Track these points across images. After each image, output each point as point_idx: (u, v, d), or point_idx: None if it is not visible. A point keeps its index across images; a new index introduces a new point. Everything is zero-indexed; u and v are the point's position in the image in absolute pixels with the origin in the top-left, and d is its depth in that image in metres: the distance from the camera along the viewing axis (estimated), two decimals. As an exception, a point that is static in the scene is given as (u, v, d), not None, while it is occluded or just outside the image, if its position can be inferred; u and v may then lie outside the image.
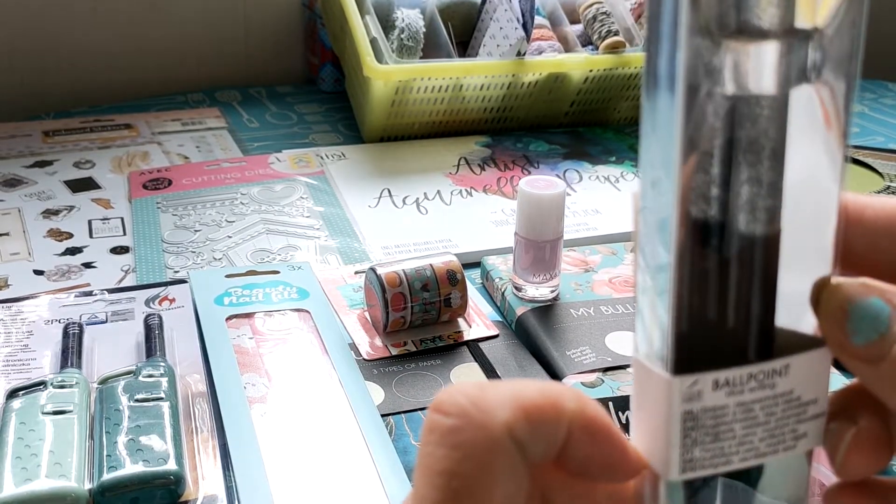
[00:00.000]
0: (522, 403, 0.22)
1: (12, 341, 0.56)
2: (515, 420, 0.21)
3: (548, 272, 0.62)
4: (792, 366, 0.23)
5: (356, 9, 0.87)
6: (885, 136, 1.04)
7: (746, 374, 0.23)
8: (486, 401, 0.22)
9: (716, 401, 0.23)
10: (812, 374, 0.23)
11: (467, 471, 0.21)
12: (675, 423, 0.23)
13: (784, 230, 0.23)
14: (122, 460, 0.44)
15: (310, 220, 0.76)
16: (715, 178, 0.22)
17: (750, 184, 0.22)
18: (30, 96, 1.02)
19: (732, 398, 0.23)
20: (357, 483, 0.46)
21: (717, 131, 0.22)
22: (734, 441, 0.23)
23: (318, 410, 0.51)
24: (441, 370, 0.56)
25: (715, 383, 0.23)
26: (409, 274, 0.58)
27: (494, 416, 0.21)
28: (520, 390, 0.22)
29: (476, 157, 0.89)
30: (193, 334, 0.58)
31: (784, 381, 0.23)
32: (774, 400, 0.23)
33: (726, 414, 0.23)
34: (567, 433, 0.22)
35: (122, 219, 0.75)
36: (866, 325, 0.22)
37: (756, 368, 0.23)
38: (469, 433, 0.21)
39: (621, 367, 0.56)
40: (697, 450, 0.23)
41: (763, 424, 0.23)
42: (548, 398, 0.22)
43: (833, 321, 0.22)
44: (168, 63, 1.09)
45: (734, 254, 0.22)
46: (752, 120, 0.22)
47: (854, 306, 0.22)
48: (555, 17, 0.99)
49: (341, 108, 1.04)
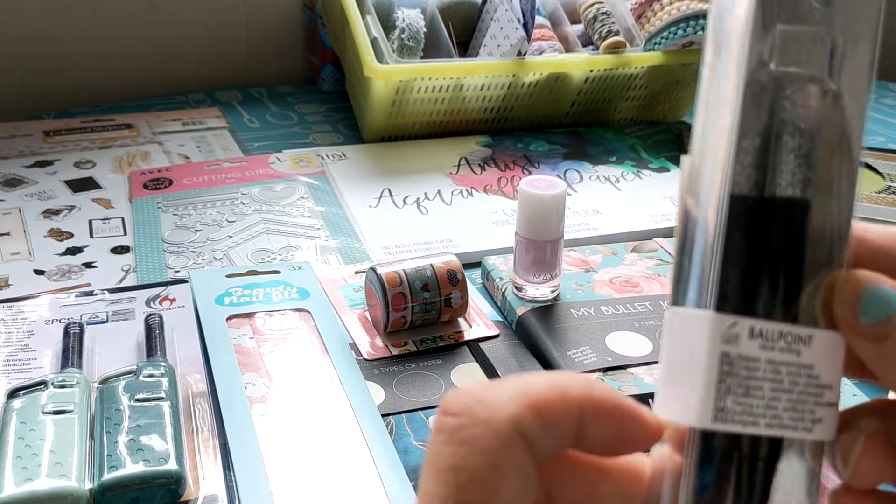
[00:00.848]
0: (529, 398, 0.22)
1: (13, 341, 0.56)
2: (522, 415, 0.22)
3: (548, 272, 0.62)
4: (815, 339, 0.24)
5: (357, 9, 0.87)
6: (885, 137, 1.04)
7: (778, 331, 0.24)
8: (491, 398, 0.22)
9: (750, 350, 0.24)
10: (829, 355, 0.24)
11: (474, 465, 0.21)
12: (714, 364, 0.23)
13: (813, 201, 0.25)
14: (123, 460, 0.44)
15: (310, 219, 0.76)
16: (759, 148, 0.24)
17: (792, 153, 0.24)
18: (30, 96, 1.02)
19: (764, 353, 0.24)
20: (357, 483, 0.46)
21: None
22: (762, 402, 0.24)
23: (318, 410, 0.51)
24: (441, 370, 0.56)
25: (751, 331, 0.24)
26: (410, 274, 0.58)
27: (500, 411, 0.22)
28: (526, 385, 0.23)
29: (477, 157, 0.89)
30: (194, 334, 0.58)
31: (807, 353, 0.24)
32: (798, 370, 0.24)
33: (758, 368, 0.24)
34: (578, 420, 0.23)
35: (123, 219, 0.75)
36: (875, 307, 0.24)
37: (787, 328, 0.24)
38: (475, 429, 0.22)
39: (622, 367, 0.56)
40: (730, 399, 0.24)
41: (787, 392, 0.24)
42: (555, 389, 0.23)
43: (846, 303, 0.24)
44: (169, 63, 1.09)
45: (774, 214, 0.24)
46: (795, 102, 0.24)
47: (865, 289, 0.24)
48: (555, 17, 0.99)
49: (342, 108, 1.04)
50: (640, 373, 0.55)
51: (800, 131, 0.25)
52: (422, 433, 0.50)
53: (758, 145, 0.24)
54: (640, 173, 0.87)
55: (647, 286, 0.65)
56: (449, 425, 0.22)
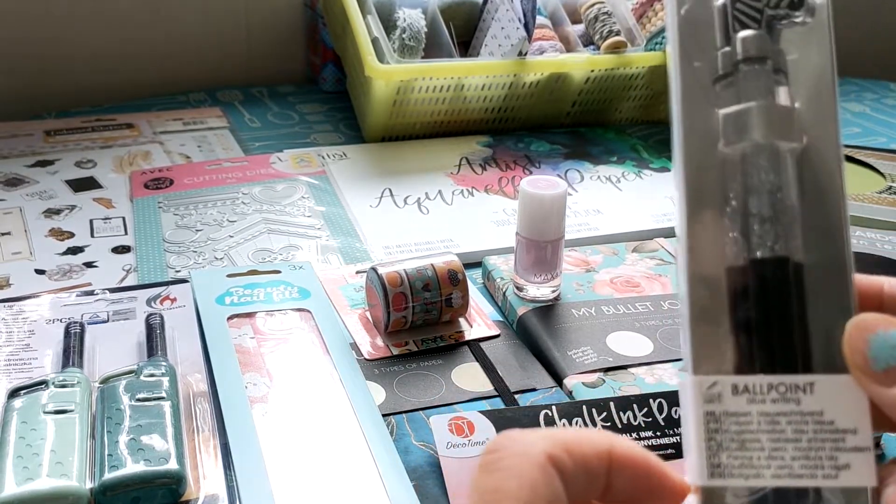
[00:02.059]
0: (561, 438, 0.24)
1: (14, 341, 0.56)
2: (555, 450, 0.24)
3: (549, 272, 0.62)
4: (818, 385, 0.24)
5: (358, 8, 0.87)
6: (886, 137, 1.03)
7: (766, 384, 0.24)
8: (525, 436, 0.25)
9: (737, 406, 0.24)
10: (843, 400, 0.24)
11: (512, 486, 0.23)
12: (700, 424, 0.24)
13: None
14: (124, 460, 0.44)
15: (311, 219, 0.76)
16: (731, 211, 0.26)
17: (758, 218, 0.25)
18: (31, 96, 1.02)
19: (754, 406, 0.24)
20: (358, 483, 0.46)
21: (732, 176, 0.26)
22: (763, 453, 0.24)
23: (319, 410, 0.51)
24: (442, 370, 0.56)
25: (734, 387, 0.24)
26: (411, 274, 0.58)
27: (535, 445, 0.24)
28: (557, 431, 0.25)
29: (477, 157, 0.89)
30: (195, 334, 0.58)
31: (810, 400, 0.24)
32: (802, 417, 0.24)
33: (750, 422, 0.24)
34: (607, 467, 0.24)
35: (124, 218, 0.75)
36: (886, 352, 0.24)
37: (776, 379, 0.24)
38: (512, 459, 0.24)
39: (622, 367, 0.56)
40: (724, 455, 0.24)
41: (793, 442, 0.24)
42: (584, 435, 0.25)
43: (856, 350, 0.24)
44: (169, 63, 1.09)
45: (751, 275, 0.25)
46: (756, 166, 0.26)
47: (875, 335, 0.24)
48: (556, 16, 0.99)
49: (343, 108, 1.04)
50: (641, 373, 0.55)
51: (759, 194, 0.25)
52: (422, 433, 0.50)
53: (720, 218, 0.26)
54: (641, 173, 0.87)
55: (647, 286, 0.65)
56: (489, 459, 0.24)
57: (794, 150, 0.26)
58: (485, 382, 0.55)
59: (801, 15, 0.26)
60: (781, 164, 0.25)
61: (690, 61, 0.27)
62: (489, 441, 0.26)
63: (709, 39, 0.27)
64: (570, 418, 0.49)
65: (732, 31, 0.26)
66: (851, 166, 0.92)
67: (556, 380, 0.56)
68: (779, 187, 0.25)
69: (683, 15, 0.27)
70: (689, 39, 0.27)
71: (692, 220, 0.26)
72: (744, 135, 0.26)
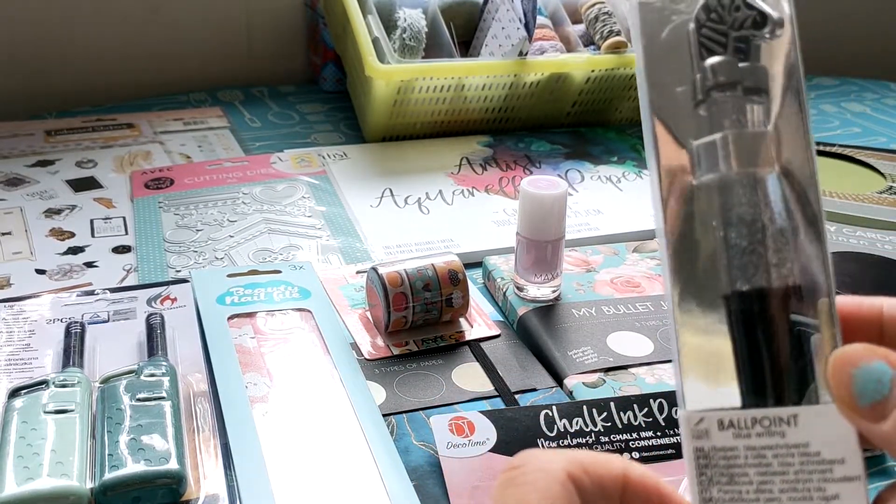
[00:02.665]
0: (578, 458, 0.25)
1: (14, 340, 0.56)
2: (574, 469, 0.25)
3: (549, 272, 0.62)
4: (801, 417, 0.24)
5: (358, 8, 0.87)
6: (887, 137, 1.03)
7: (751, 418, 0.24)
8: (546, 454, 0.25)
9: (724, 441, 0.25)
10: (829, 430, 0.24)
11: (532, 501, 0.24)
12: (691, 459, 0.25)
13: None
14: (124, 459, 0.44)
15: (311, 219, 0.76)
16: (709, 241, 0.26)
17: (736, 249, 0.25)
18: (32, 95, 1.03)
19: (740, 441, 0.24)
20: (358, 482, 0.46)
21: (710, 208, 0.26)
22: (751, 487, 0.24)
23: (319, 410, 0.51)
24: (442, 370, 0.56)
25: (720, 423, 0.25)
26: (411, 274, 0.58)
27: (555, 462, 0.25)
28: (574, 451, 0.26)
29: (478, 157, 0.89)
30: (195, 334, 0.58)
31: (795, 433, 0.24)
32: (788, 450, 0.24)
33: (737, 456, 0.24)
34: (622, 489, 0.25)
35: (124, 218, 0.75)
36: (871, 387, 0.23)
37: (760, 413, 0.24)
38: (533, 474, 0.24)
39: (623, 367, 0.56)
40: (715, 489, 0.25)
41: (780, 475, 0.24)
42: (600, 456, 0.25)
43: (840, 385, 0.24)
44: (170, 63, 1.09)
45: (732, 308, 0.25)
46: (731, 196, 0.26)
47: (858, 370, 0.24)
48: (557, 17, 0.99)
49: (343, 108, 1.04)
50: (642, 373, 0.55)
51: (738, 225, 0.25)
52: (422, 433, 0.50)
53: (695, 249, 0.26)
54: (641, 173, 0.87)
55: (648, 286, 0.65)
56: (510, 475, 0.25)
57: (770, 173, 0.26)
58: (485, 382, 0.55)
59: (768, 32, 0.26)
60: (758, 192, 0.25)
61: (663, 89, 0.27)
62: (512, 459, 0.26)
63: (681, 65, 0.27)
64: (571, 418, 0.49)
65: (700, 59, 0.26)
66: (852, 166, 0.92)
67: (557, 380, 0.56)
68: (755, 217, 0.25)
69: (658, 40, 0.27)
70: (658, 66, 0.27)
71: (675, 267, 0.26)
72: (715, 167, 0.26)
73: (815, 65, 1.31)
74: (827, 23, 1.34)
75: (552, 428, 0.49)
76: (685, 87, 0.26)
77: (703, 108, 0.26)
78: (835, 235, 0.75)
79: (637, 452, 0.48)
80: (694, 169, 0.26)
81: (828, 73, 1.27)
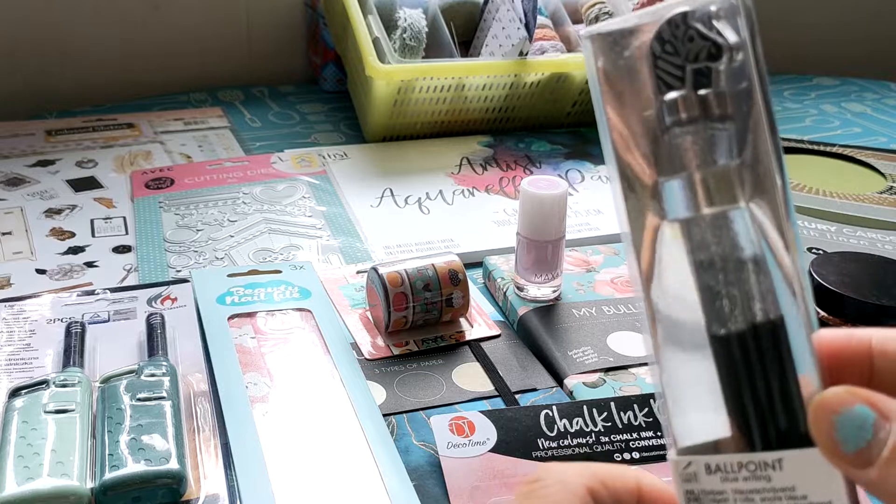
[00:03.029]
0: (596, 471, 0.26)
1: (15, 340, 0.56)
2: (593, 483, 0.25)
3: (550, 272, 0.62)
4: (786, 461, 0.24)
5: (359, 8, 0.87)
6: (887, 137, 1.03)
7: (736, 463, 0.24)
8: (567, 470, 0.26)
9: (713, 485, 0.25)
10: (814, 473, 0.24)
11: None
12: (682, 501, 0.25)
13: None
14: (124, 459, 0.44)
15: (312, 219, 0.76)
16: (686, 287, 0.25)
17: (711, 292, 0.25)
18: (32, 95, 1.03)
19: (728, 485, 0.24)
20: (358, 482, 0.46)
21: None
22: None
23: (319, 410, 0.51)
24: (443, 370, 0.56)
25: (707, 467, 0.25)
26: (411, 273, 0.59)
27: (574, 476, 0.25)
28: (597, 467, 0.26)
29: (478, 157, 0.89)
30: (195, 333, 0.58)
31: (781, 476, 0.24)
32: (775, 494, 0.24)
33: (726, 499, 0.25)
34: (637, 501, 0.26)
35: (125, 218, 0.75)
36: (854, 434, 0.23)
37: (745, 458, 0.24)
38: (552, 487, 0.25)
39: (623, 367, 0.56)
40: None
41: None
42: (613, 470, 0.27)
43: (823, 432, 0.23)
44: (171, 63, 1.09)
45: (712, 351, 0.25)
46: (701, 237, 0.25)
47: (840, 417, 0.23)
48: (557, 16, 0.99)
49: (343, 108, 1.04)
50: (642, 373, 0.55)
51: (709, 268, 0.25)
52: (423, 433, 0.50)
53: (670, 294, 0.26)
54: (641, 173, 0.87)
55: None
56: (531, 488, 0.25)
57: (738, 208, 0.25)
58: (485, 382, 0.55)
59: (725, 61, 0.24)
60: (728, 229, 0.24)
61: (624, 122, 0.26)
62: (532, 473, 0.27)
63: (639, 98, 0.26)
64: (571, 418, 0.49)
65: (658, 92, 0.25)
66: (852, 166, 0.92)
67: (557, 380, 0.56)
68: (726, 256, 0.24)
69: (614, 73, 0.26)
70: (616, 100, 0.26)
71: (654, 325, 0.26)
72: (681, 207, 0.25)
73: (816, 65, 1.31)
74: (827, 23, 1.34)
75: (552, 428, 0.49)
76: (646, 121, 0.25)
77: (665, 143, 0.25)
78: (835, 235, 0.75)
79: (637, 452, 0.48)
80: (661, 206, 0.26)
81: (828, 73, 1.27)
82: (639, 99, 0.26)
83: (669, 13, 0.25)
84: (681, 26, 0.24)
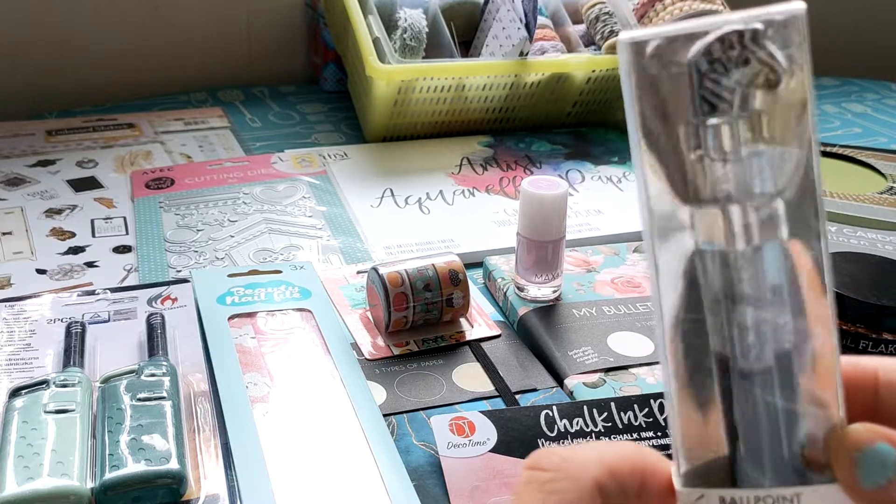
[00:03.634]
0: (607, 461, 0.25)
1: (15, 340, 0.56)
2: (603, 477, 0.25)
3: (550, 272, 0.62)
4: (804, 497, 0.24)
5: (359, 9, 0.87)
6: (887, 137, 1.03)
7: (753, 497, 0.24)
8: (577, 458, 0.25)
9: None
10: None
11: None
12: None
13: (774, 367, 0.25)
14: (125, 459, 0.44)
15: (312, 219, 0.76)
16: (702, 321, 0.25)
17: (738, 326, 0.24)
18: (33, 95, 1.03)
19: None
20: (359, 483, 0.46)
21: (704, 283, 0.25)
22: None
23: (319, 410, 0.51)
24: (443, 370, 0.56)
25: (721, 500, 0.24)
26: (412, 274, 0.59)
27: (585, 470, 0.25)
28: (604, 452, 0.26)
29: (478, 157, 0.89)
30: (196, 333, 0.58)
31: None
32: None
33: None
34: (641, 484, 0.25)
35: (125, 218, 0.75)
36: (875, 471, 0.23)
37: (763, 493, 0.24)
38: (564, 483, 0.24)
39: (623, 367, 0.56)
40: None
41: None
42: (623, 454, 0.26)
43: (843, 467, 0.23)
44: (171, 63, 1.09)
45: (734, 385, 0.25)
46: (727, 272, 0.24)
47: (862, 454, 0.23)
48: (557, 17, 0.99)
49: (344, 108, 1.04)
50: (642, 373, 0.55)
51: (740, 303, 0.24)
52: (423, 433, 0.50)
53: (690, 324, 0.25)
54: (641, 173, 0.87)
55: (649, 286, 0.65)
56: (540, 478, 0.25)
57: (773, 241, 0.24)
58: (485, 382, 0.55)
59: (782, 88, 0.23)
60: (761, 264, 0.24)
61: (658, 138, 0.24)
62: (540, 454, 0.26)
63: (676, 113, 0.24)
64: (571, 418, 0.49)
65: (701, 113, 0.23)
66: (852, 167, 0.92)
67: (557, 380, 0.56)
68: (759, 294, 0.24)
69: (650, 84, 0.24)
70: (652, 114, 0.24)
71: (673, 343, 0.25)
72: (716, 239, 0.24)
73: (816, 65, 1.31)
74: (828, 23, 1.34)
75: (552, 428, 0.49)
76: (682, 139, 0.24)
77: (702, 167, 0.24)
78: (835, 235, 0.75)
79: (637, 453, 0.48)
80: (692, 228, 0.24)
81: (829, 73, 1.27)
82: (676, 114, 0.24)
83: (721, 30, 0.23)
84: (736, 47, 0.23)
